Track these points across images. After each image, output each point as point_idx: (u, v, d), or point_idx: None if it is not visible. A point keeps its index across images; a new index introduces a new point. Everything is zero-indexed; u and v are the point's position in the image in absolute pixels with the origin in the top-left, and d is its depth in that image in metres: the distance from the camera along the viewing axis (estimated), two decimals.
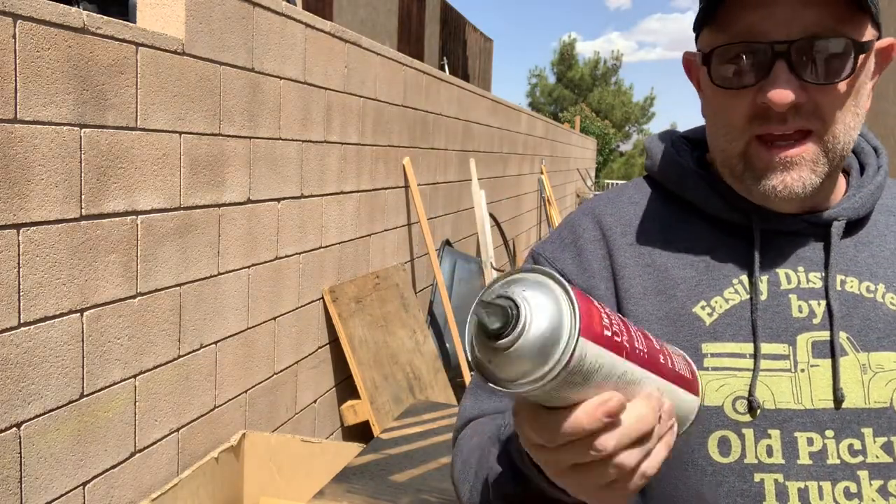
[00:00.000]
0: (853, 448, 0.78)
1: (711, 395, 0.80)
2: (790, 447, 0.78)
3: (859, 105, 0.81)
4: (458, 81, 5.93)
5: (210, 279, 2.65)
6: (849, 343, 0.81)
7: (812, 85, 0.77)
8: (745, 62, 0.78)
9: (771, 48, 0.76)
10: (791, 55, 0.76)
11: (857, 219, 0.87)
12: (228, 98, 2.71)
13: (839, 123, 0.79)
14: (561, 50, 37.70)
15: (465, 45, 16.37)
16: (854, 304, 0.83)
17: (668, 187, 0.92)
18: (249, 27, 2.82)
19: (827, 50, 0.76)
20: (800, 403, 0.79)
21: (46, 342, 1.95)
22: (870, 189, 0.88)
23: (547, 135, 11.33)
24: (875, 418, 0.79)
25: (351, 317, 3.65)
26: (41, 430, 1.95)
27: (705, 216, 0.88)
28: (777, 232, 0.85)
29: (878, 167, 0.91)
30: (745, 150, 0.81)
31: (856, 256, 0.86)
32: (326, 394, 3.66)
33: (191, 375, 2.57)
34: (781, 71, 0.76)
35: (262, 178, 2.97)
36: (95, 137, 2.08)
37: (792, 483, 0.77)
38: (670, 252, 0.87)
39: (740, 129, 0.81)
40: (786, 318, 0.82)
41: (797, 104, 0.77)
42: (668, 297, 0.85)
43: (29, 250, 1.88)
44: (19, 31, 1.81)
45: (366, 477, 2.48)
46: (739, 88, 0.79)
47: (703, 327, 0.83)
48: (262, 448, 2.89)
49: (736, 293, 0.84)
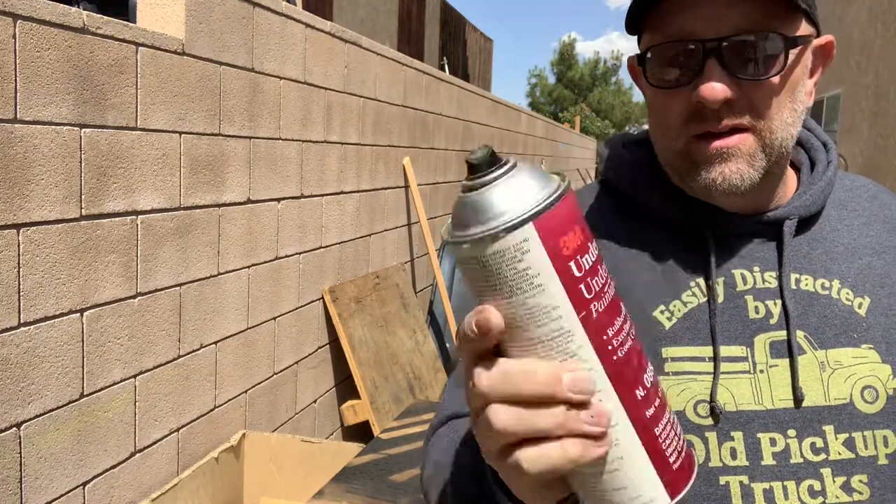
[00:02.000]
0: (815, 446, 0.79)
1: (673, 399, 0.80)
2: (753, 448, 0.79)
3: (796, 101, 0.81)
4: (458, 81, 5.93)
5: (210, 279, 2.65)
6: (806, 341, 0.82)
7: (745, 81, 0.78)
8: (679, 62, 0.79)
9: (702, 46, 0.77)
10: (722, 52, 0.77)
11: (809, 216, 0.87)
12: (228, 98, 2.71)
13: (775, 119, 0.79)
14: (561, 50, 37.72)
15: (465, 45, 16.38)
16: (810, 301, 0.83)
17: (621, 190, 0.92)
18: (249, 27, 2.82)
19: (757, 45, 0.77)
20: (760, 404, 0.80)
21: (46, 342, 1.95)
22: (820, 186, 0.88)
23: (547, 135, 11.33)
24: (836, 415, 0.79)
25: (351, 317, 3.65)
26: (41, 430, 1.95)
27: (660, 219, 0.88)
28: (731, 233, 0.86)
29: (828, 162, 0.91)
30: (685, 148, 0.82)
31: (810, 254, 0.86)
32: (326, 394, 3.66)
33: (191, 375, 2.57)
34: (713, 68, 0.77)
35: (262, 178, 2.97)
36: (95, 137, 2.08)
37: (757, 484, 0.78)
38: (627, 256, 0.87)
39: (678, 129, 0.81)
40: (743, 320, 0.82)
41: (730, 100, 0.77)
42: (625, 301, 0.85)
43: (29, 250, 1.88)
44: (19, 31, 1.81)
45: (366, 477, 2.48)
46: (674, 88, 0.80)
47: (662, 331, 0.83)
48: (262, 448, 2.89)
49: (693, 296, 0.84)
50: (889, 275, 0.86)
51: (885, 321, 0.83)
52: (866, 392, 0.80)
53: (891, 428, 0.79)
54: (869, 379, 0.80)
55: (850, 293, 0.84)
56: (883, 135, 9.50)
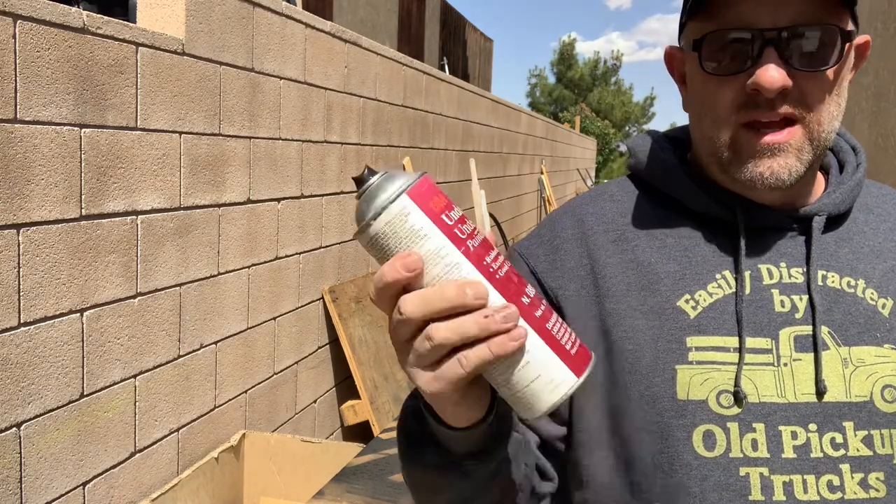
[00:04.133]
0: (835, 442, 0.79)
1: (696, 389, 0.80)
2: (775, 441, 0.79)
3: (842, 95, 0.83)
4: (457, 81, 5.93)
5: (210, 279, 2.65)
6: (830, 337, 0.82)
7: (800, 72, 0.78)
8: (736, 49, 0.80)
9: (761, 35, 0.78)
10: (780, 42, 0.77)
11: (838, 214, 0.88)
12: (228, 98, 2.71)
13: (824, 112, 0.80)
14: (561, 50, 37.72)
15: (465, 45, 16.38)
16: (835, 298, 0.83)
17: (652, 184, 0.93)
18: (249, 27, 2.82)
19: (815, 37, 0.78)
20: (783, 397, 0.80)
21: (46, 342, 1.95)
22: (849, 185, 0.89)
23: (547, 135, 11.33)
24: (856, 412, 0.80)
25: (351, 317, 3.65)
26: (41, 430, 1.95)
27: (689, 212, 0.89)
28: (759, 227, 0.86)
29: (857, 164, 0.92)
30: (733, 137, 0.82)
31: (836, 252, 0.86)
32: (326, 394, 3.66)
33: (191, 375, 2.57)
34: (771, 57, 0.77)
35: (262, 178, 2.97)
36: (95, 137, 2.08)
37: (777, 477, 0.78)
38: (654, 248, 0.88)
39: (727, 117, 0.82)
40: (768, 313, 0.83)
41: (785, 90, 0.78)
42: (652, 291, 0.86)
43: (29, 250, 1.88)
44: (19, 31, 1.81)
45: (366, 477, 2.48)
46: (729, 75, 0.80)
47: (687, 320, 0.83)
48: (262, 448, 2.89)
49: (720, 287, 0.84)
50: None
51: None
52: (886, 391, 0.81)
53: None
54: (890, 378, 0.81)
55: (875, 293, 0.84)
56: (883, 135, 9.49)
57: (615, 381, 0.83)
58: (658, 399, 0.81)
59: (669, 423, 0.80)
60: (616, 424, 0.83)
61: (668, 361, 0.82)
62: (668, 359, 0.82)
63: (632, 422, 0.82)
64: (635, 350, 0.83)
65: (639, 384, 0.82)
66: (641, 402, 0.81)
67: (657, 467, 0.81)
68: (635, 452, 0.82)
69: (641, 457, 0.81)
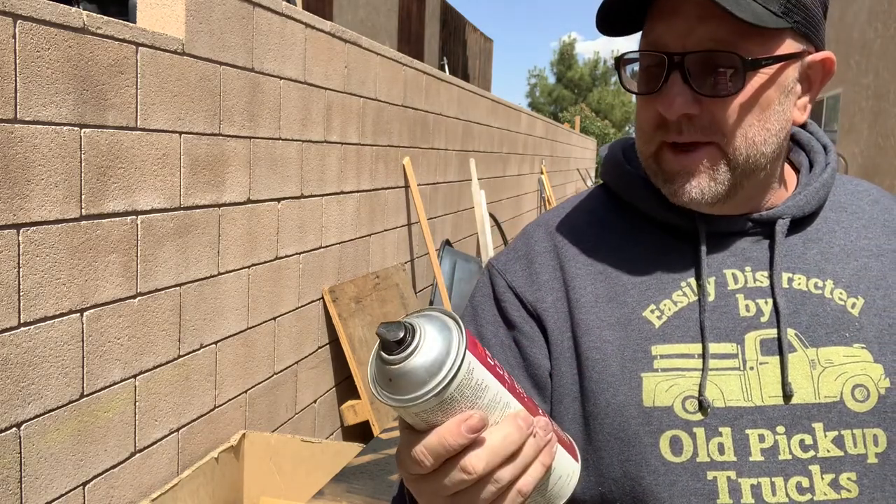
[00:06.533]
0: (804, 443, 0.79)
1: (661, 395, 0.81)
2: (742, 444, 0.79)
3: (768, 119, 0.81)
4: (458, 81, 5.93)
5: (210, 279, 2.65)
6: (797, 339, 0.82)
7: (705, 97, 0.79)
8: (651, 72, 0.81)
9: (667, 59, 0.78)
10: (685, 67, 0.78)
11: (804, 216, 0.88)
12: (228, 98, 2.71)
13: (738, 137, 0.80)
14: (561, 50, 37.74)
15: (465, 45, 16.38)
16: (802, 300, 0.84)
17: (618, 194, 0.94)
18: (249, 27, 2.82)
19: (717, 64, 0.77)
20: (750, 401, 0.80)
21: (46, 342, 1.95)
22: (815, 187, 0.89)
23: (547, 135, 11.33)
24: (825, 413, 0.80)
25: (351, 317, 3.66)
26: (41, 430, 1.95)
27: (655, 221, 0.90)
28: (723, 233, 0.87)
29: (826, 164, 0.92)
30: (656, 154, 0.84)
31: (804, 253, 0.87)
32: (326, 394, 3.66)
33: (191, 375, 2.57)
34: (675, 82, 0.78)
35: (262, 178, 2.97)
36: (95, 137, 2.08)
37: (745, 480, 0.78)
38: (621, 258, 0.89)
39: (650, 133, 0.83)
40: (733, 318, 0.83)
41: (691, 116, 0.79)
42: (619, 303, 0.87)
43: (29, 250, 1.88)
44: (19, 31, 1.81)
45: (365, 477, 2.48)
46: (645, 94, 0.82)
47: (652, 330, 0.84)
48: (262, 448, 2.89)
49: (684, 296, 0.85)
50: (885, 277, 0.86)
51: (878, 322, 0.83)
52: (857, 391, 0.81)
53: (881, 427, 0.80)
54: (860, 378, 0.81)
55: (844, 293, 0.85)
56: (883, 135, 9.50)
57: (585, 391, 0.84)
58: (625, 407, 0.82)
59: (636, 430, 0.81)
60: (588, 434, 0.84)
61: (634, 370, 0.82)
62: (633, 367, 0.83)
63: (601, 430, 0.83)
64: (602, 360, 0.84)
65: (605, 393, 0.83)
66: (609, 410, 0.82)
67: (626, 474, 0.82)
68: (605, 460, 0.83)
69: (611, 464, 0.82)
